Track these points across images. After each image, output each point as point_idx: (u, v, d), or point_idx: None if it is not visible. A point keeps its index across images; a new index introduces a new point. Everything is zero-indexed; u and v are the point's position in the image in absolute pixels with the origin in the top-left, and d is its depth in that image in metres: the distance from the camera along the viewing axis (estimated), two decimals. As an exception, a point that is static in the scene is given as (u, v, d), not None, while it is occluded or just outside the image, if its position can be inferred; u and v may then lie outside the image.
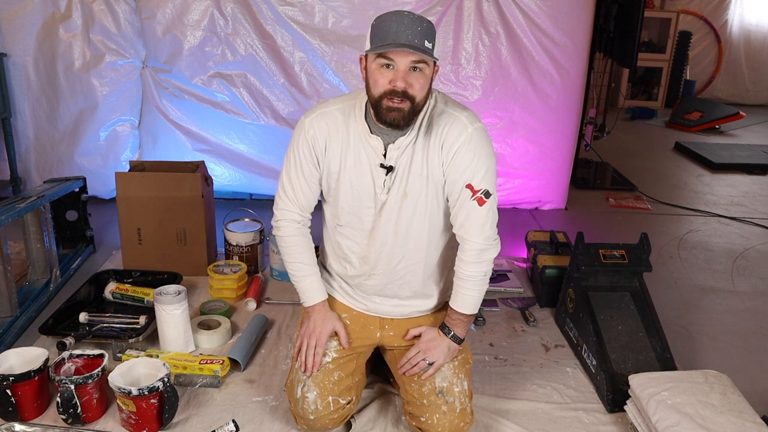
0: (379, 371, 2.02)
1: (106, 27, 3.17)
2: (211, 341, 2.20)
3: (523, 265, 2.94)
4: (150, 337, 2.17)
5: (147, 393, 1.70)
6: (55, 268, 2.58)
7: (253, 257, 2.73)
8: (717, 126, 6.04)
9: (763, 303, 2.77)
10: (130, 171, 2.69)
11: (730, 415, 1.70)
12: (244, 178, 3.50)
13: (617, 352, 2.07)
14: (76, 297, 2.33)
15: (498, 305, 2.56)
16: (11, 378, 1.73)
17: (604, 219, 3.70)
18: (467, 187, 1.59)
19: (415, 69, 1.48)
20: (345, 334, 1.76)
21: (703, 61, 7.32)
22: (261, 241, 2.76)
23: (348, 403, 1.73)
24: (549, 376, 2.12)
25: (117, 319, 2.22)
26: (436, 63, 1.53)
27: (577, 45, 3.34)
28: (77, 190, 2.83)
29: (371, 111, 1.56)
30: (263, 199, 3.55)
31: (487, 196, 1.60)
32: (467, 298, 1.69)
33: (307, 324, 1.77)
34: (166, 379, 1.74)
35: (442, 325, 1.75)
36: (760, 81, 7.36)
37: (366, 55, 1.52)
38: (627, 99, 6.74)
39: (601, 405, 1.98)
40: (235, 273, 2.52)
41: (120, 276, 2.50)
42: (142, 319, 2.18)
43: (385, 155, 1.61)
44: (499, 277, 2.74)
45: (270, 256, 2.76)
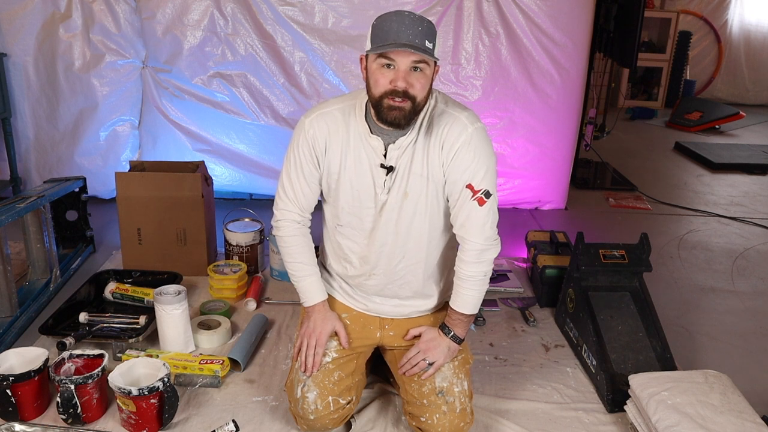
0: (379, 371, 2.02)
1: (106, 27, 3.17)
2: (211, 341, 2.20)
3: (523, 265, 2.94)
4: (150, 337, 2.17)
5: (147, 393, 1.70)
6: (55, 268, 2.58)
7: (253, 257, 2.73)
8: (717, 126, 6.03)
9: (763, 303, 2.77)
10: (130, 171, 2.69)
11: (730, 415, 1.70)
12: (244, 178, 3.50)
13: (617, 352, 2.07)
14: (76, 297, 2.33)
15: (498, 305, 2.56)
16: (11, 378, 1.73)
17: (604, 219, 3.70)
18: (467, 187, 1.60)
19: (415, 69, 1.48)
20: (345, 334, 1.76)
21: (703, 61, 7.32)
22: (261, 241, 2.76)
23: (348, 403, 1.73)
24: (549, 376, 2.12)
25: (117, 319, 2.22)
26: (436, 63, 1.53)
27: (577, 45, 3.34)
28: (77, 190, 2.83)
29: (372, 111, 1.56)
30: (263, 199, 3.55)
31: (487, 196, 1.60)
32: (467, 298, 1.69)
33: (307, 324, 1.77)
34: (166, 379, 1.74)
35: (442, 325, 1.75)
36: (760, 81, 7.36)
37: (366, 55, 1.52)
38: (627, 99, 6.74)
39: (601, 405, 1.98)
40: (235, 273, 2.52)
41: (120, 276, 2.50)
42: (142, 319, 2.18)
43: (385, 155, 1.61)
44: (499, 277, 2.74)
45: (270, 256, 2.76)
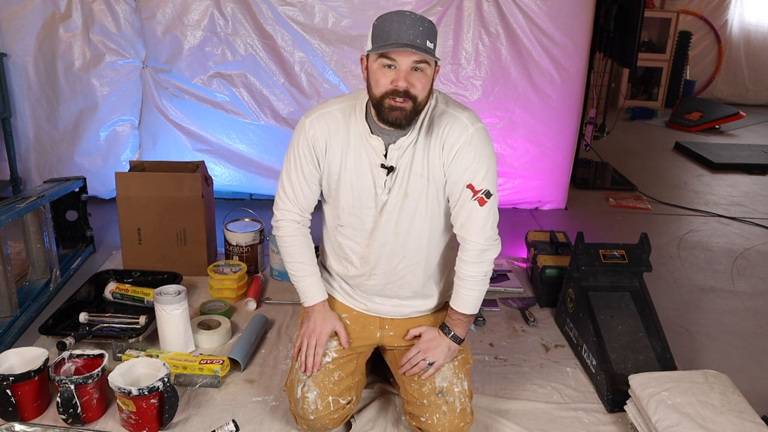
0: (379, 371, 2.02)
1: (106, 27, 3.17)
2: (211, 341, 2.20)
3: (523, 265, 2.94)
4: (150, 337, 2.17)
5: (147, 393, 1.70)
6: (55, 268, 2.58)
7: (253, 257, 2.73)
8: (717, 126, 6.04)
9: (763, 303, 2.77)
10: (130, 171, 2.69)
11: (730, 415, 1.70)
12: (244, 178, 3.50)
13: (617, 352, 2.07)
14: (76, 297, 2.33)
15: (498, 305, 2.56)
16: (11, 378, 1.73)
17: (604, 219, 3.70)
18: (468, 187, 1.60)
19: (416, 69, 1.48)
20: (345, 334, 1.76)
21: (703, 61, 7.32)
22: (261, 241, 2.76)
23: (348, 403, 1.73)
24: (549, 376, 2.12)
25: (117, 319, 2.22)
26: (437, 63, 1.53)
27: (577, 45, 3.34)
28: (77, 190, 2.83)
29: (372, 111, 1.56)
30: (263, 199, 3.55)
31: (488, 197, 1.60)
32: (468, 298, 1.69)
33: (307, 324, 1.77)
34: (166, 379, 1.74)
35: (443, 325, 1.75)
36: (760, 81, 7.36)
37: (367, 55, 1.52)
38: (627, 99, 6.74)
39: (601, 405, 1.98)
40: (235, 273, 2.52)
41: (120, 276, 2.50)
42: (142, 319, 2.18)
43: (385, 155, 1.61)
44: (499, 277, 2.74)
45: (270, 256, 2.76)
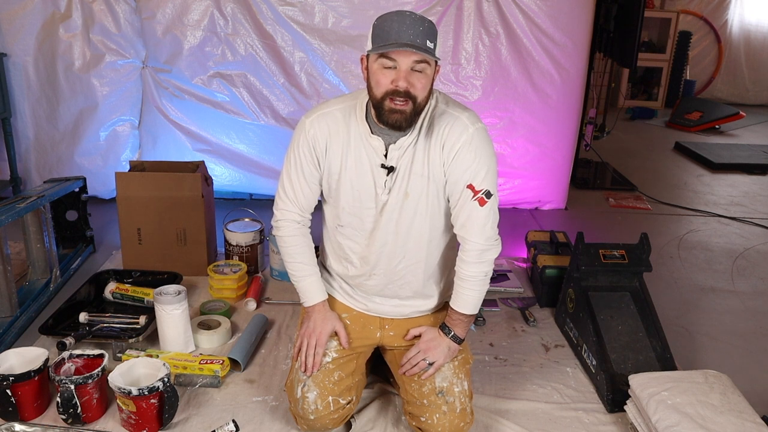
0: (379, 371, 2.02)
1: (106, 27, 3.17)
2: (211, 341, 2.20)
3: (523, 265, 2.94)
4: (150, 337, 2.17)
5: (147, 393, 1.70)
6: (55, 268, 2.58)
7: (253, 257, 2.73)
8: (717, 126, 6.04)
9: (763, 303, 2.77)
10: (130, 171, 2.69)
11: (730, 415, 1.70)
12: (244, 178, 3.50)
13: (617, 352, 2.07)
14: (76, 297, 2.32)
15: (498, 305, 2.56)
16: (11, 378, 1.73)
17: (604, 219, 3.70)
18: (468, 187, 1.59)
19: (416, 69, 1.47)
20: (345, 334, 1.76)
21: (703, 61, 7.32)
22: (261, 241, 2.76)
23: (348, 403, 1.73)
24: (549, 376, 2.12)
25: (117, 319, 2.22)
26: (437, 63, 1.53)
27: (577, 45, 3.34)
28: (77, 190, 2.83)
29: (372, 111, 1.56)
30: (263, 199, 3.55)
31: (488, 197, 1.60)
32: (468, 299, 1.69)
33: (307, 324, 1.77)
34: (166, 379, 1.74)
35: (443, 325, 1.75)
36: (760, 81, 7.36)
37: (367, 56, 1.52)
38: (627, 99, 6.74)
39: (601, 405, 1.98)
40: (235, 273, 2.52)
41: (120, 276, 2.50)
42: (142, 319, 2.18)
43: (386, 155, 1.61)
44: (499, 277, 2.74)
45: (270, 256, 2.76)
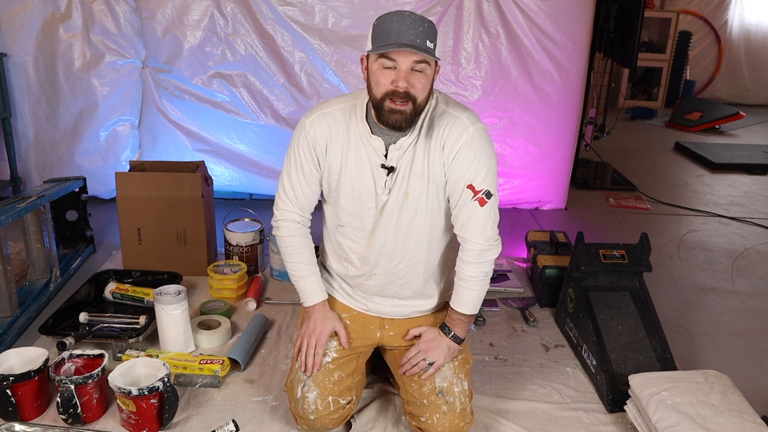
0: (379, 371, 2.02)
1: (106, 27, 3.17)
2: (211, 341, 2.20)
3: (523, 265, 2.94)
4: (150, 337, 2.17)
5: (147, 393, 1.70)
6: (55, 268, 2.58)
7: (253, 257, 2.73)
8: (717, 126, 6.04)
9: (763, 303, 2.77)
10: (130, 171, 2.69)
11: (730, 415, 1.70)
12: (244, 178, 3.50)
13: (617, 352, 2.07)
14: (76, 297, 2.32)
15: (498, 305, 2.56)
16: (11, 378, 1.73)
17: (604, 219, 3.70)
18: (468, 187, 1.59)
19: (416, 69, 1.47)
20: (345, 334, 1.76)
21: (703, 61, 7.32)
22: (261, 241, 2.76)
23: (348, 403, 1.73)
24: (549, 376, 2.12)
25: (117, 319, 2.22)
26: (437, 63, 1.53)
27: (577, 45, 3.34)
28: (77, 190, 2.83)
29: (372, 111, 1.56)
30: (263, 199, 3.55)
31: (488, 197, 1.60)
32: (468, 299, 1.69)
33: (307, 324, 1.77)
34: (166, 379, 1.74)
35: (443, 325, 1.75)
36: (760, 81, 7.36)
37: (367, 56, 1.52)
38: (627, 99, 6.74)
39: (601, 405, 1.98)
40: (235, 273, 2.52)
41: (120, 276, 2.50)
42: (142, 319, 2.18)
43: (386, 156, 1.61)
44: (499, 277, 2.74)
45: (270, 256, 2.76)
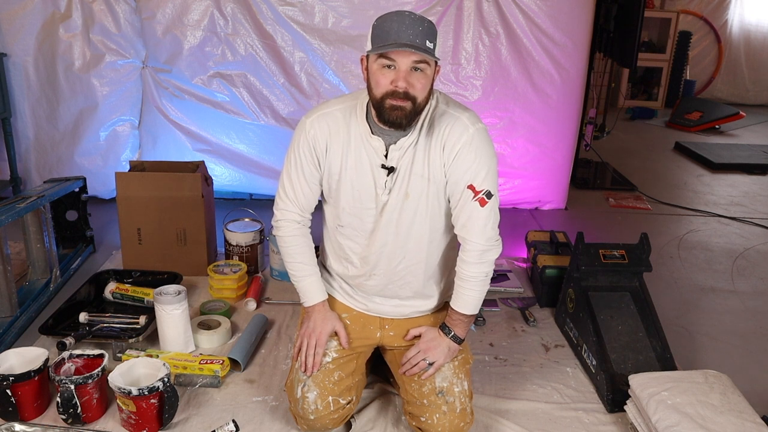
0: (379, 371, 2.02)
1: (106, 27, 3.17)
2: (211, 341, 2.20)
3: (523, 265, 2.94)
4: (150, 337, 2.17)
5: (147, 393, 1.70)
6: (55, 268, 2.58)
7: (253, 257, 2.73)
8: (717, 126, 6.04)
9: (763, 303, 2.77)
10: (130, 171, 2.69)
11: (730, 415, 1.70)
12: (244, 178, 3.50)
13: (617, 352, 2.07)
14: (76, 297, 2.32)
15: (498, 305, 2.56)
16: (11, 378, 1.73)
17: (604, 219, 3.70)
18: (469, 187, 1.59)
19: (416, 69, 1.47)
20: (345, 334, 1.76)
21: (703, 61, 7.32)
22: (261, 241, 2.76)
23: (348, 403, 1.74)
24: (549, 376, 2.12)
25: (117, 319, 2.22)
26: (437, 63, 1.53)
27: (577, 45, 3.34)
28: (77, 190, 2.83)
29: (373, 111, 1.56)
30: (263, 199, 3.55)
31: (488, 197, 1.60)
32: (468, 299, 1.69)
33: (307, 324, 1.77)
34: (166, 379, 1.74)
35: (443, 325, 1.75)
36: (760, 81, 7.36)
37: (367, 56, 1.52)
38: (627, 99, 6.74)
39: (601, 405, 1.98)
40: (235, 273, 2.52)
41: (120, 276, 2.50)
42: (142, 319, 2.18)
43: (386, 156, 1.61)
44: (499, 277, 2.74)
45: (270, 256, 2.76)
